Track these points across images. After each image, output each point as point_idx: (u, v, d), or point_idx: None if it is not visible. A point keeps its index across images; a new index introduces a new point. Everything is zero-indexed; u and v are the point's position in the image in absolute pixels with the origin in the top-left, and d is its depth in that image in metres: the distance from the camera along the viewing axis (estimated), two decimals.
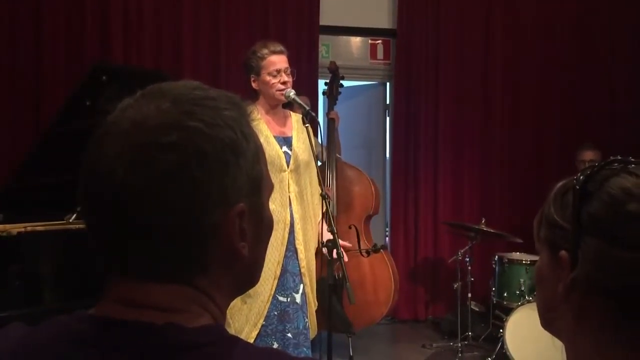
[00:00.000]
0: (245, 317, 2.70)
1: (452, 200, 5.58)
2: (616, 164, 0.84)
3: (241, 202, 0.69)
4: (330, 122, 4.35)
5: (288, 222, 2.76)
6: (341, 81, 4.41)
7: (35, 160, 3.29)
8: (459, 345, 4.50)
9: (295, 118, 2.95)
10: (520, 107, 5.69)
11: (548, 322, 0.89)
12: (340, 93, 4.41)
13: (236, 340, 0.69)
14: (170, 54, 5.00)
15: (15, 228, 2.74)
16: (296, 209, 2.79)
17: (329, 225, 2.72)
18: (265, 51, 2.76)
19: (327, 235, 2.76)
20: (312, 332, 2.92)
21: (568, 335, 0.86)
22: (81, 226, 2.93)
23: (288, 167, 2.78)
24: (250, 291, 2.69)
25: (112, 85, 3.15)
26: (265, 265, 2.86)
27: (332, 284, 2.85)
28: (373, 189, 4.40)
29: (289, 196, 2.77)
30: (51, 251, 2.83)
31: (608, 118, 5.78)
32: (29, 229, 2.77)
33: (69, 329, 0.66)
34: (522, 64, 5.69)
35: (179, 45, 5.01)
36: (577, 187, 0.82)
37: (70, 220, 3.04)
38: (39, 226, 2.83)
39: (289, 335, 2.76)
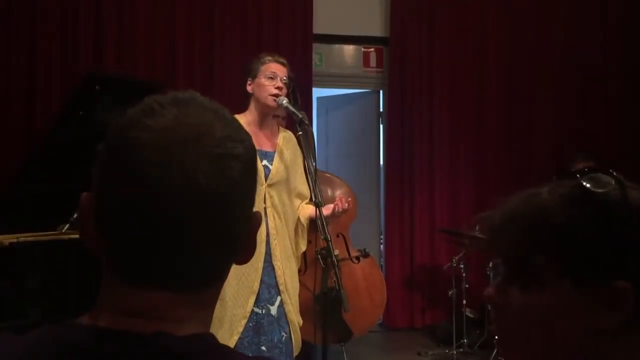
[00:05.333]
0: (215, 334, 2.64)
1: (448, 207, 5.58)
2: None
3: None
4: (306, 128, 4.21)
5: (264, 236, 2.73)
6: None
7: (28, 170, 3.28)
8: (454, 352, 4.50)
9: (283, 134, 2.93)
10: (515, 114, 5.71)
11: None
12: (298, 103, 4.24)
13: (226, 349, 0.69)
14: (163, 63, 5.00)
15: (7, 239, 2.72)
16: (272, 223, 2.77)
17: (322, 232, 2.70)
18: (269, 57, 2.79)
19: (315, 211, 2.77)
20: (296, 349, 2.87)
21: None
22: (75, 236, 2.92)
23: (266, 181, 2.77)
24: (222, 306, 2.63)
25: (105, 94, 3.15)
26: (243, 282, 2.78)
27: (326, 292, 2.84)
28: (354, 195, 4.41)
29: (265, 209, 2.75)
30: (44, 262, 2.81)
31: (603, 126, 5.81)
32: (21, 239, 2.75)
33: (55, 340, 0.66)
34: (517, 71, 5.71)
35: (172, 54, 5.01)
36: (615, 209, 0.75)
37: (64, 231, 3.03)
38: (31, 237, 2.81)
39: (263, 348, 2.71)
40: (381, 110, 6.00)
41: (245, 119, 2.77)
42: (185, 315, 0.68)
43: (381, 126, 6.00)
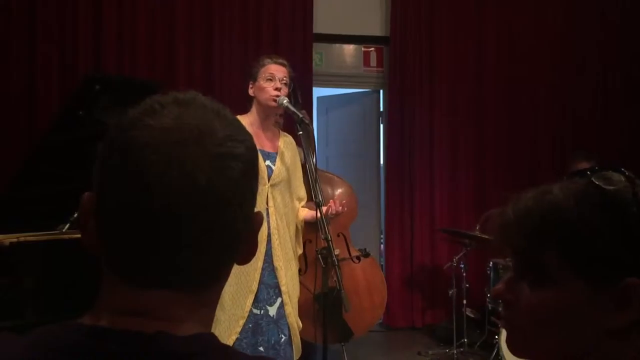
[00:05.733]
0: (215, 333, 2.62)
1: (448, 206, 5.58)
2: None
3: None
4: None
5: (265, 235, 2.74)
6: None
7: (28, 171, 3.28)
8: (455, 352, 4.49)
9: (284, 138, 2.95)
10: (515, 114, 5.71)
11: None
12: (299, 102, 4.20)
13: (228, 349, 0.69)
14: (163, 63, 4.99)
15: (7, 238, 2.72)
16: (274, 224, 2.78)
17: (323, 232, 2.70)
18: (268, 60, 2.84)
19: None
20: (297, 352, 2.86)
21: None
22: (75, 236, 2.92)
23: (269, 181, 2.78)
24: (220, 304, 2.65)
25: (105, 95, 3.14)
26: (242, 281, 2.78)
27: (326, 292, 2.83)
28: (355, 195, 4.41)
29: (267, 209, 2.76)
30: (44, 261, 2.81)
31: (602, 125, 5.81)
32: (21, 239, 2.75)
33: (55, 340, 0.65)
34: (516, 70, 5.71)
35: (172, 54, 5.01)
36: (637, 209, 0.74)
37: (64, 230, 3.03)
38: (31, 237, 2.81)
39: (261, 349, 2.71)
40: (381, 110, 6.00)
41: (247, 120, 2.80)
42: (185, 315, 0.68)
43: (381, 126, 6.00)
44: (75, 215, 3.07)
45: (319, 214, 2.72)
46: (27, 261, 2.74)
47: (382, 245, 5.87)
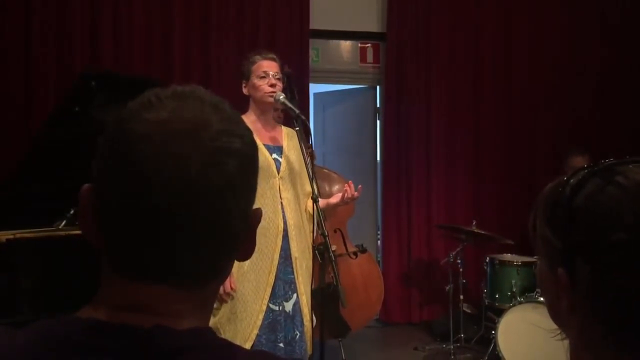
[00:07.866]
0: (235, 329, 2.63)
1: (444, 202, 5.59)
2: (601, 172, 0.79)
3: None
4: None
5: (281, 228, 2.73)
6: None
7: (25, 169, 3.27)
8: (451, 347, 4.51)
9: (286, 130, 2.94)
10: (511, 109, 5.71)
11: (556, 319, 0.85)
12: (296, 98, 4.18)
13: (225, 342, 0.69)
14: (160, 60, 4.98)
15: (4, 235, 2.72)
16: (290, 215, 2.76)
17: (320, 228, 2.70)
18: (257, 57, 2.81)
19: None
20: (310, 348, 2.85)
21: (573, 342, 0.82)
22: (72, 232, 2.92)
23: (279, 173, 2.77)
24: (241, 301, 2.66)
25: (101, 91, 3.13)
26: (260, 275, 2.77)
27: (324, 287, 2.83)
28: None
29: (281, 202, 2.75)
30: (41, 258, 2.80)
31: (599, 120, 5.81)
32: (18, 236, 2.75)
33: (52, 334, 0.66)
34: (513, 65, 5.71)
35: (169, 51, 4.99)
36: (566, 206, 0.78)
37: (60, 227, 3.02)
38: (28, 233, 2.80)
39: (281, 345, 2.71)
40: (378, 106, 6.00)
41: (247, 120, 2.78)
42: (184, 310, 0.68)
43: (378, 122, 6.01)
44: (72, 212, 3.07)
45: (315, 210, 2.72)
46: (24, 257, 2.74)
47: (379, 241, 5.88)
